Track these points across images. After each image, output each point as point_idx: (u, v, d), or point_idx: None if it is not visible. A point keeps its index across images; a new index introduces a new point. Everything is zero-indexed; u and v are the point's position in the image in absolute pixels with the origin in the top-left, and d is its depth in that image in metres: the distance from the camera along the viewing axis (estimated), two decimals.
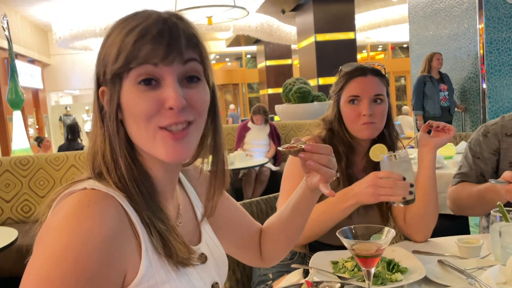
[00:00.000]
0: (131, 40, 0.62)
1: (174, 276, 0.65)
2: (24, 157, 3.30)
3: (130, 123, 0.64)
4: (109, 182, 0.63)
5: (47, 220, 0.61)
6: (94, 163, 0.66)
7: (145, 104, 0.62)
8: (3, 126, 8.43)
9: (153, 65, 0.62)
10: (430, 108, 5.11)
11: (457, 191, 1.52)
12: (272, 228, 0.96)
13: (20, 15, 10.33)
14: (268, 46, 13.41)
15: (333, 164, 0.79)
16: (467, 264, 1.08)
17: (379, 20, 11.17)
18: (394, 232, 0.90)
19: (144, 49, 0.62)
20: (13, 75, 5.01)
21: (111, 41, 0.64)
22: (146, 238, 0.63)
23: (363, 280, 1.02)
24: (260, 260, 0.98)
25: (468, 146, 1.58)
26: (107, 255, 0.57)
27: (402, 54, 18.13)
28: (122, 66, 0.62)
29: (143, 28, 0.62)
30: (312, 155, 0.77)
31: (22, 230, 2.32)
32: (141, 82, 0.62)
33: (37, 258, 0.56)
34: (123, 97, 0.64)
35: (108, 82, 0.64)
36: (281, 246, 0.97)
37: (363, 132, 1.32)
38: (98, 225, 0.57)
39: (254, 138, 5.05)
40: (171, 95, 0.62)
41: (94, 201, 0.59)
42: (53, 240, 0.56)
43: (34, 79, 11.18)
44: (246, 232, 0.96)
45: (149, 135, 0.64)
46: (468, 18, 5.28)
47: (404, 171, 1.10)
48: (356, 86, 1.33)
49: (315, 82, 9.01)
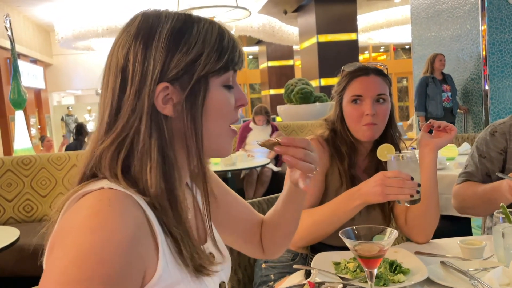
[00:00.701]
0: (229, 44, 0.69)
1: (188, 277, 0.65)
2: (26, 156, 3.31)
3: (212, 121, 0.69)
4: (125, 183, 0.62)
5: (63, 222, 0.60)
6: (111, 162, 0.64)
7: (231, 102, 0.71)
8: (6, 125, 8.45)
9: (235, 70, 0.71)
10: (433, 109, 5.11)
11: (462, 190, 1.52)
12: (269, 222, 0.96)
13: (22, 15, 10.36)
14: (270, 47, 13.41)
15: (312, 158, 0.77)
16: (470, 266, 1.07)
17: (381, 21, 11.17)
18: (397, 233, 0.90)
19: (236, 55, 0.70)
20: (16, 75, 5.02)
21: (199, 39, 0.66)
22: (163, 238, 0.63)
23: (365, 281, 1.02)
24: (262, 252, 0.98)
25: (474, 145, 1.58)
26: (130, 254, 0.56)
27: (404, 55, 18.11)
28: (221, 67, 0.68)
29: (230, 34, 0.70)
30: (287, 149, 0.76)
31: (24, 230, 2.31)
32: (225, 83, 0.70)
33: (57, 260, 0.54)
34: (211, 97, 0.68)
35: (187, 81, 0.65)
36: (279, 240, 0.97)
37: (364, 133, 1.32)
38: (121, 224, 0.57)
39: (256, 139, 5.04)
40: (244, 95, 0.74)
41: (114, 200, 0.59)
42: (75, 242, 0.54)
43: (37, 79, 11.21)
44: (249, 225, 0.96)
45: (223, 131, 0.71)
46: (471, 19, 5.27)
47: (411, 171, 1.09)
48: (359, 86, 1.33)
49: (317, 83, 9.02)
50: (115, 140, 0.64)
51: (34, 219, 3.23)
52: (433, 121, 1.31)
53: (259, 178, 4.84)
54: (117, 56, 0.66)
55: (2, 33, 7.95)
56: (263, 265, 1.43)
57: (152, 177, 0.63)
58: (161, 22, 0.66)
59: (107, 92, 0.66)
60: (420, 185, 1.09)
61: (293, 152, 0.76)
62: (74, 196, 0.62)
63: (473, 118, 5.36)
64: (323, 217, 1.24)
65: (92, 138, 0.69)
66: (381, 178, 1.11)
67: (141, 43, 0.65)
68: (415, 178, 1.09)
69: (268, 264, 1.42)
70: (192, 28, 0.66)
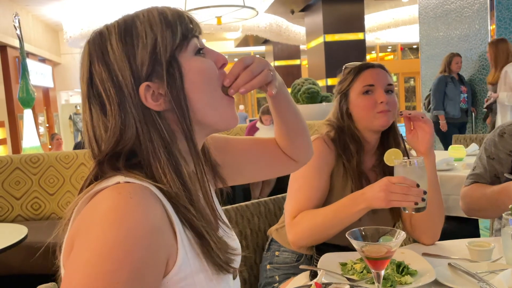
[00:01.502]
0: (174, 18, 0.67)
1: (206, 266, 0.65)
2: (34, 155, 3.33)
3: (200, 93, 0.68)
4: (139, 175, 0.63)
5: (83, 217, 0.60)
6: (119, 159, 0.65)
7: (211, 65, 0.70)
8: (14, 124, 8.51)
9: (197, 36, 0.70)
10: (451, 109, 5.00)
11: (470, 192, 1.50)
12: (280, 134, 0.93)
13: (31, 14, 10.43)
14: (276, 47, 13.41)
15: (257, 66, 0.72)
16: (478, 268, 1.06)
17: (389, 21, 11.12)
18: (405, 234, 0.89)
19: (187, 22, 0.69)
20: (24, 74, 5.05)
21: (146, 29, 0.65)
22: (181, 228, 0.63)
23: (372, 282, 1.01)
24: (294, 162, 0.96)
25: (483, 146, 1.56)
26: (155, 244, 0.57)
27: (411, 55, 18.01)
28: (180, 41, 0.67)
29: (169, 9, 0.69)
30: (236, 83, 0.71)
31: (31, 228, 2.33)
32: (197, 52, 0.69)
33: (83, 254, 0.55)
34: (187, 70, 0.67)
35: (159, 70, 0.65)
36: (298, 141, 0.93)
37: (379, 119, 1.30)
38: (145, 215, 0.57)
39: None
40: (220, 54, 0.72)
41: (135, 192, 0.59)
42: (100, 234, 0.55)
43: (45, 78, 11.28)
44: (264, 149, 0.94)
45: (214, 98, 0.69)
46: (479, 19, 5.23)
47: (418, 178, 1.07)
48: (370, 76, 1.33)
49: (324, 82, 8.99)
50: (110, 151, 0.65)
51: (42, 217, 3.25)
52: (404, 111, 1.28)
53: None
54: (83, 88, 0.68)
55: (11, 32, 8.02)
56: (267, 266, 1.43)
57: (167, 175, 0.64)
58: (105, 36, 0.67)
59: (87, 122, 0.68)
60: (426, 193, 1.07)
61: (241, 80, 0.71)
62: (86, 196, 0.62)
63: (481, 118, 5.32)
64: (326, 219, 1.24)
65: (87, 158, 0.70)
66: (386, 184, 1.10)
67: (99, 64, 0.66)
68: (422, 185, 1.07)
69: (273, 266, 1.42)
70: (134, 24, 0.66)
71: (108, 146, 0.66)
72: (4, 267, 2.65)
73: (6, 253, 2.00)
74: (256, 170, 0.95)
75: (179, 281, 0.62)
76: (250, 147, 0.94)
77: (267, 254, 1.46)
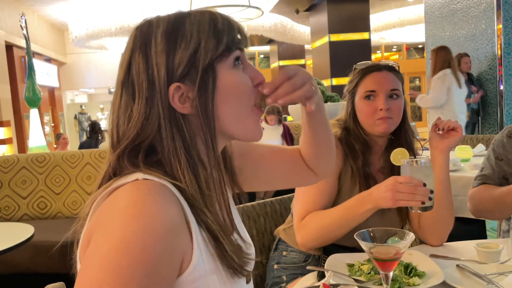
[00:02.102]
0: (224, 27, 0.67)
1: (220, 268, 0.65)
2: (40, 154, 3.34)
3: (229, 105, 0.68)
4: (158, 173, 0.63)
5: (101, 213, 0.60)
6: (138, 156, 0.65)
7: (247, 81, 0.69)
8: (20, 123, 8.55)
9: (241, 49, 0.69)
10: None
11: (478, 193, 1.49)
12: (306, 146, 0.92)
13: (37, 14, 10.48)
14: (281, 46, 13.38)
15: (301, 79, 0.72)
16: (487, 270, 1.06)
17: (394, 20, 11.07)
18: (413, 235, 0.89)
19: (235, 34, 0.68)
20: (31, 74, 5.08)
21: (193, 31, 0.66)
22: (197, 228, 0.63)
23: (380, 284, 1.01)
24: (315, 175, 0.96)
25: (491, 147, 1.55)
26: (171, 242, 0.57)
27: (417, 54, 17.94)
28: (223, 51, 0.66)
29: (221, 16, 0.68)
30: (277, 93, 0.71)
31: (38, 227, 2.34)
32: (236, 63, 0.68)
33: (99, 249, 0.55)
34: (221, 82, 0.67)
35: (194, 74, 0.65)
36: (323, 154, 0.93)
37: (379, 126, 1.29)
38: (162, 212, 0.57)
39: (267, 139, 5.04)
40: (259, 72, 0.72)
41: (153, 189, 0.60)
42: (118, 230, 0.55)
43: (50, 78, 11.34)
44: (288, 159, 0.94)
45: (245, 113, 0.69)
46: (486, 18, 5.20)
47: (425, 177, 1.07)
48: (372, 81, 1.31)
49: (329, 82, 8.97)
50: (128, 145, 0.65)
51: (48, 216, 3.27)
52: (439, 122, 1.28)
53: None
54: (120, 73, 0.68)
55: (17, 32, 8.06)
56: (275, 266, 1.43)
57: (186, 176, 0.64)
58: (153, 28, 0.67)
59: (115, 108, 0.68)
60: (433, 192, 1.06)
61: (282, 91, 0.71)
62: (104, 192, 0.62)
63: (488, 119, 5.29)
64: (334, 220, 1.23)
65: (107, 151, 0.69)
66: (392, 183, 1.10)
67: (140, 54, 0.66)
68: (428, 184, 1.06)
69: (280, 265, 1.42)
70: (183, 24, 0.66)
71: (127, 138, 0.66)
72: (11, 265, 2.67)
73: (13, 252, 2.01)
74: (274, 176, 0.93)
75: (193, 281, 0.62)
76: (272, 152, 0.93)
77: (275, 254, 1.46)
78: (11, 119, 8.21)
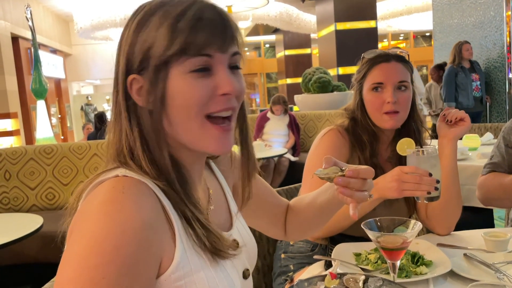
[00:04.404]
0: (186, 26, 0.60)
1: (208, 264, 0.64)
2: (48, 145, 3.37)
3: (175, 113, 0.62)
4: (138, 171, 0.63)
5: (81, 208, 0.61)
6: (120, 155, 0.65)
7: (200, 91, 0.62)
8: (27, 115, 8.60)
9: (209, 54, 0.62)
10: (464, 100, 4.94)
11: (488, 181, 1.48)
12: (298, 211, 0.95)
13: (42, 5, 10.48)
14: (287, 35, 13.29)
15: (369, 186, 0.74)
16: (494, 258, 1.05)
17: (401, 8, 10.92)
18: (421, 224, 0.88)
19: (201, 36, 0.61)
20: (37, 65, 5.08)
21: (155, 25, 0.61)
22: (180, 225, 0.63)
23: (387, 273, 1.01)
24: (284, 235, 0.99)
25: (501, 135, 1.53)
26: (146, 241, 0.56)
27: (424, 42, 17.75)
28: (176, 53, 0.60)
29: (196, 13, 0.61)
30: (349, 181, 0.72)
31: (46, 217, 2.37)
32: (196, 69, 0.61)
33: (74, 246, 0.55)
34: (171, 86, 0.61)
35: (149, 70, 0.62)
36: (306, 230, 0.98)
37: (386, 122, 1.29)
38: (136, 211, 0.57)
39: (273, 129, 5.03)
40: (227, 82, 0.63)
41: (128, 187, 0.59)
42: (91, 228, 0.55)
43: (56, 69, 11.36)
44: (274, 208, 0.96)
45: (197, 125, 0.63)
46: (495, 5, 5.12)
47: (431, 167, 1.06)
48: (380, 73, 1.30)
49: (335, 71, 8.91)
50: (112, 134, 0.66)
51: (56, 206, 3.30)
52: (447, 113, 1.27)
53: (276, 167, 4.83)
54: None
55: (23, 23, 8.07)
56: (282, 255, 1.43)
57: (145, 166, 0.63)
58: (136, 14, 0.65)
59: None
60: (439, 182, 1.06)
61: (354, 184, 0.72)
62: (92, 185, 0.62)
63: (496, 107, 5.23)
64: (340, 210, 1.23)
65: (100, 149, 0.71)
66: (398, 173, 1.09)
67: (120, 40, 0.66)
68: (435, 174, 1.06)
69: (287, 255, 1.42)
70: (155, 13, 0.63)
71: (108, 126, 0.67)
72: (20, 256, 2.70)
73: (22, 242, 2.03)
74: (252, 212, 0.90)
75: (177, 280, 0.61)
76: (267, 194, 0.94)
77: (281, 243, 1.46)
78: (18, 111, 8.26)
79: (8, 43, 8.12)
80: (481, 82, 5.02)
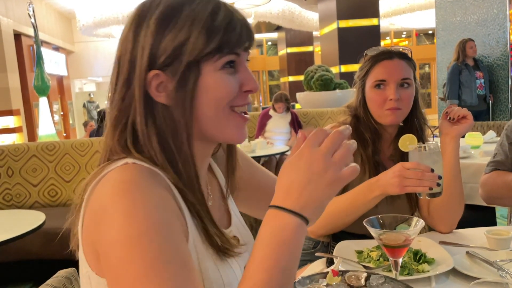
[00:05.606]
0: (221, 25, 0.63)
1: (213, 257, 0.65)
2: (50, 142, 3.38)
3: (206, 106, 0.64)
4: (148, 162, 0.62)
5: (97, 197, 0.59)
6: (124, 148, 0.64)
7: (230, 87, 0.65)
8: (30, 112, 8.62)
9: (238, 53, 0.65)
10: (467, 97, 4.92)
11: (491, 179, 1.48)
12: None
13: (44, 2, 10.49)
14: (289, 33, 13.27)
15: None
16: (497, 256, 1.05)
17: (404, 6, 10.89)
18: (423, 222, 0.88)
19: (234, 36, 0.64)
20: (39, 62, 5.08)
21: (186, 23, 0.62)
22: (189, 215, 0.63)
23: (389, 270, 1.01)
24: None
25: (504, 133, 1.53)
26: (168, 211, 0.57)
27: (426, 40, 17.69)
28: (212, 51, 0.62)
29: (227, 13, 0.64)
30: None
31: (49, 214, 2.37)
32: (225, 66, 0.64)
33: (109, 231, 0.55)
34: (203, 81, 0.63)
35: (176, 66, 0.62)
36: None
37: (387, 117, 1.29)
38: (154, 187, 0.58)
39: (275, 126, 5.03)
40: (251, 80, 0.67)
41: (141, 170, 0.60)
42: (117, 205, 0.55)
43: (59, 66, 11.37)
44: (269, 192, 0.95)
45: (224, 116, 0.66)
46: (498, 3, 5.10)
47: (433, 163, 1.06)
48: (382, 70, 1.30)
49: (337, 69, 8.89)
50: (112, 129, 0.65)
51: (58, 203, 3.31)
52: (449, 110, 1.27)
53: (278, 165, 4.83)
54: (116, 49, 0.67)
55: (25, 20, 8.08)
56: None
57: (158, 158, 0.63)
58: (152, 7, 0.64)
59: (109, 85, 0.68)
60: (441, 178, 1.06)
61: None
62: (97, 178, 0.62)
63: (499, 105, 5.22)
64: (342, 207, 1.23)
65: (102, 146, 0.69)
66: (399, 169, 1.09)
67: (131, 32, 0.64)
68: (437, 170, 1.05)
69: None
70: (181, 10, 0.63)
71: (110, 118, 0.66)
72: (23, 252, 2.71)
73: (25, 239, 2.04)
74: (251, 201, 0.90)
75: None
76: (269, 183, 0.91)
77: None
78: (20, 108, 8.28)
79: (10, 40, 8.13)
80: (485, 80, 5.00)
